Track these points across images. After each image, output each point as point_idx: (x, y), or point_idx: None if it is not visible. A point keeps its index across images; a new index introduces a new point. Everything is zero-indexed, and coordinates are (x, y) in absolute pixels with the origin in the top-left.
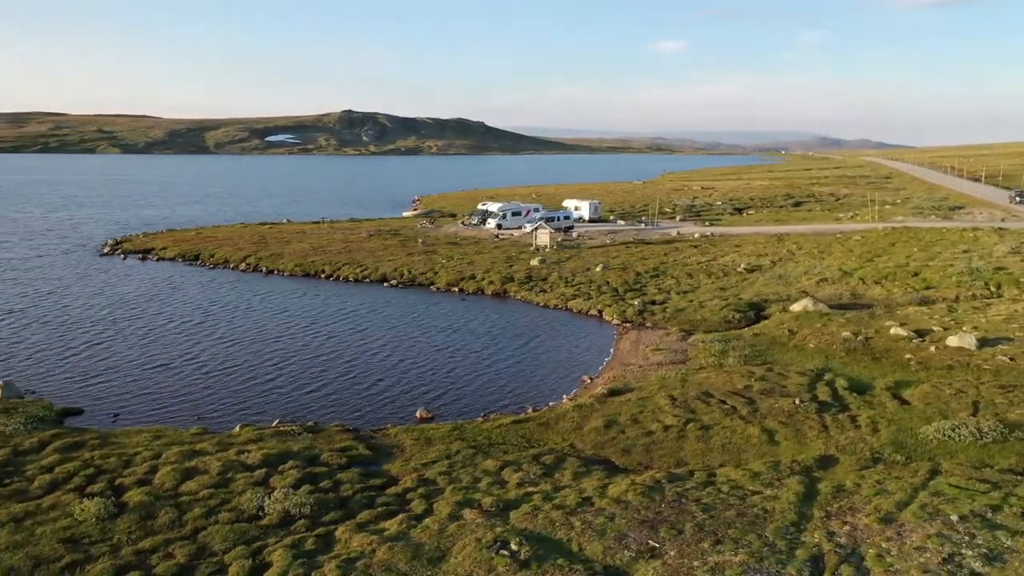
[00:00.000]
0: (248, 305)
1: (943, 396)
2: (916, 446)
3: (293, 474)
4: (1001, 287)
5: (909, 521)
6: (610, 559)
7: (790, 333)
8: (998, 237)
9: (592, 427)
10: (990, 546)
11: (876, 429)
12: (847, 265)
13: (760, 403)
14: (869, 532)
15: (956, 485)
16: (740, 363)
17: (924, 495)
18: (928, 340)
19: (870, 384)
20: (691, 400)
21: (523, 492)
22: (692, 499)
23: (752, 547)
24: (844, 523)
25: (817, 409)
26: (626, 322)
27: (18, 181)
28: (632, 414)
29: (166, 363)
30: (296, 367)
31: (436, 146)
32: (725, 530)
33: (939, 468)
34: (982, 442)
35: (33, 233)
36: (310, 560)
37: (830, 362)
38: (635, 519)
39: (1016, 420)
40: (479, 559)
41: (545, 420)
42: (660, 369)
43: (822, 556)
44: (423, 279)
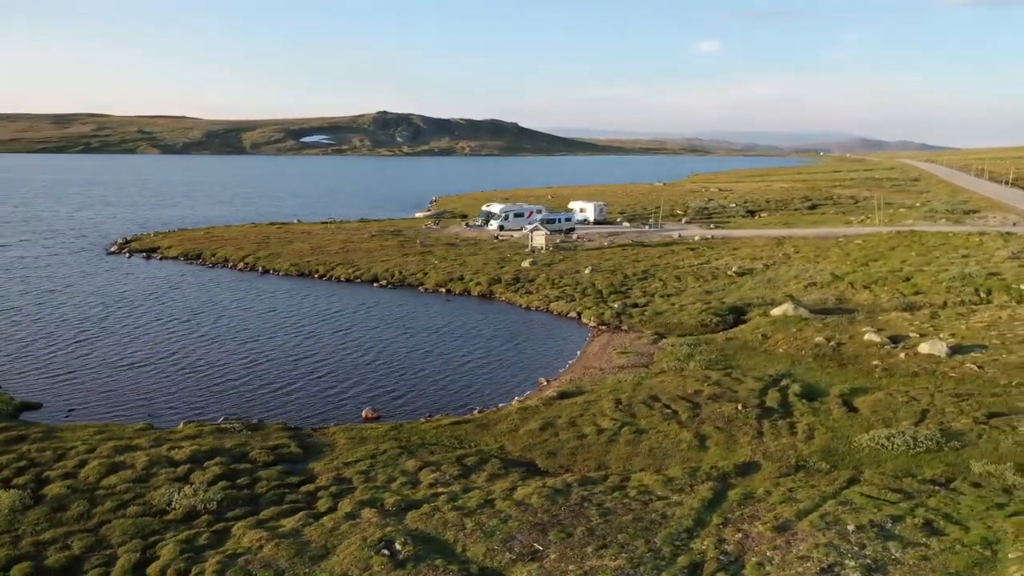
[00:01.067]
0: (238, 304)
1: (894, 404)
2: (846, 454)
3: (214, 470)
4: (992, 293)
5: (804, 530)
6: (489, 561)
7: (763, 338)
8: (1003, 242)
9: (528, 429)
10: (876, 557)
11: (811, 436)
12: (840, 269)
13: (704, 408)
14: (759, 540)
15: (868, 495)
16: (702, 367)
17: (831, 504)
18: (901, 347)
19: (825, 390)
20: (636, 404)
21: (431, 493)
22: (595, 503)
23: (635, 552)
24: (738, 530)
25: (758, 415)
26: (603, 325)
27: (56, 180)
28: (572, 417)
29: (141, 361)
30: (267, 366)
31: (469, 147)
32: (615, 535)
33: (859, 477)
34: (914, 451)
35: (54, 231)
36: (197, 555)
37: (794, 368)
38: (529, 522)
39: (959, 429)
40: (358, 558)
41: (485, 422)
42: (620, 372)
43: (703, 563)
44: (413, 280)
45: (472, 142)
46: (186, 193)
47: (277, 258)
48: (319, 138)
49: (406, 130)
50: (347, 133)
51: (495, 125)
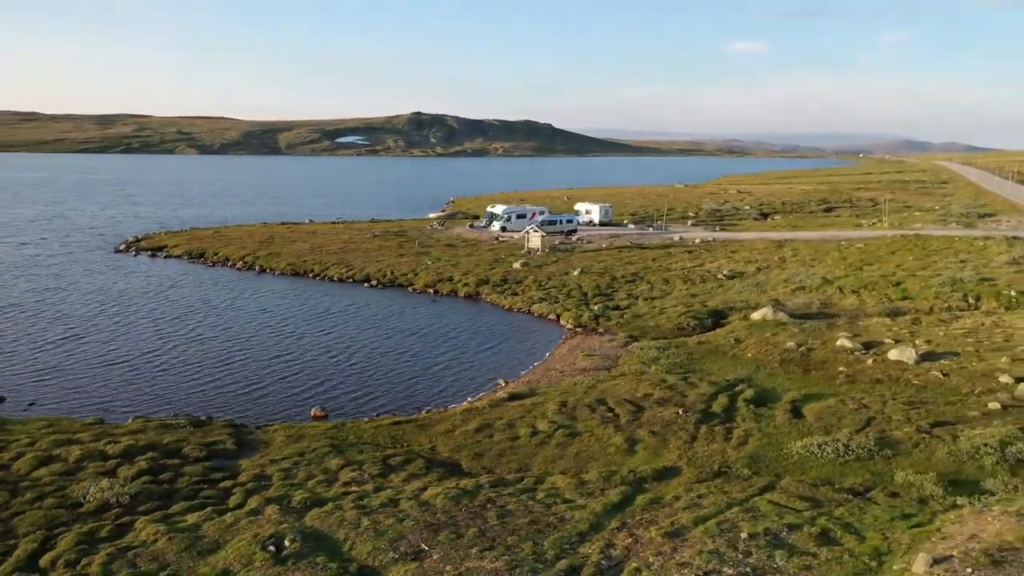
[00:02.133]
0: (229, 304)
1: (841, 411)
2: (774, 461)
3: (142, 465)
4: (981, 299)
5: (696, 536)
6: (371, 560)
7: (735, 342)
8: (1007, 246)
9: (464, 430)
10: (758, 565)
11: (744, 443)
12: (833, 273)
13: (647, 412)
14: (647, 545)
15: (776, 502)
16: (662, 371)
17: (734, 511)
18: (871, 353)
19: (779, 396)
20: (580, 407)
21: (342, 491)
22: (498, 505)
23: (518, 555)
24: (631, 535)
25: (698, 420)
26: (579, 327)
27: (91, 180)
28: (512, 419)
29: (119, 358)
30: (239, 366)
31: (502, 148)
32: (506, 537)
33: (776, 484)
34: (843, 459)
35: (74, 230)
36: (91, 547)
37: (757, 373)
38: (425, 522)
39: (898, 438)
40: (243, 553)
41: (426, 422)
42: (580, 375)
43: (582, 567)
44: (403, 280)
45: (505, 143)
46: (213, 193)
47: (276, 257)
48: (353, 139)
49: (440, 131)
50: (381, 134)
51: (529, 126)
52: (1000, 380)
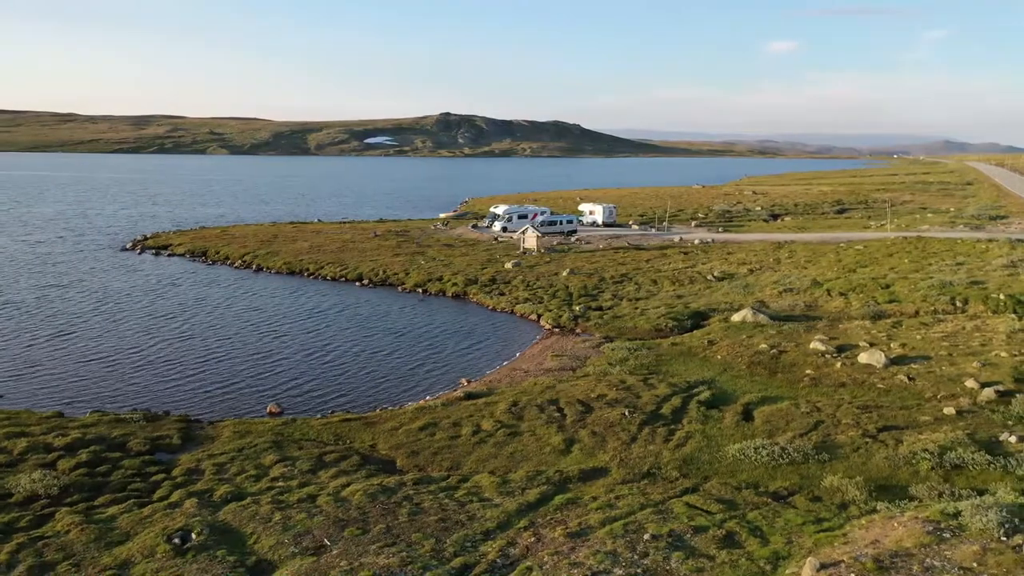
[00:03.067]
0: (221, 302)
1: (793, 414)
2: (707, 463)
3: (82, 457)
4: (968, 302)
5: (599, 537)
6: (271, 554)
7: (708, 344)
8: (1009, 249)
9: (408, 428)
10: (650, 567)
11: (683, 445)
12: (825, 275)
13: (595, 413)
14: (547, 545)
15: (692, 504)
16: (626, 372)
17: (645, 512)
18: (842, 356)
19: (734, 399)
20: (530, 407)
21: (266, 486)
22: (414, 502)
23: (416, 552)
24: (535, 535)
25: (643, 422)
26: (557, 327)
27: (117, 179)
28: (459, 418)
29: (103, 355)
30: (216, 363)
31: (530, 148)
32: (410, 534)
33: (700, 486)
34: (776, 463)
35: (91, 228)
36: (5, 537)
37: (721, 375)
38: (336, 518)
39: (840, 442)
40: (147, 545)
41: (375, 420)
42: (542, 375)
43: (475, 566)
44: (395, 279)
45: (533, 144)
46: (234, 193)
47: (274, 257)
48: (382, 139)
49: (468, 131)
50: (410, 134)
51: (558, 126)
52: (966, 385)
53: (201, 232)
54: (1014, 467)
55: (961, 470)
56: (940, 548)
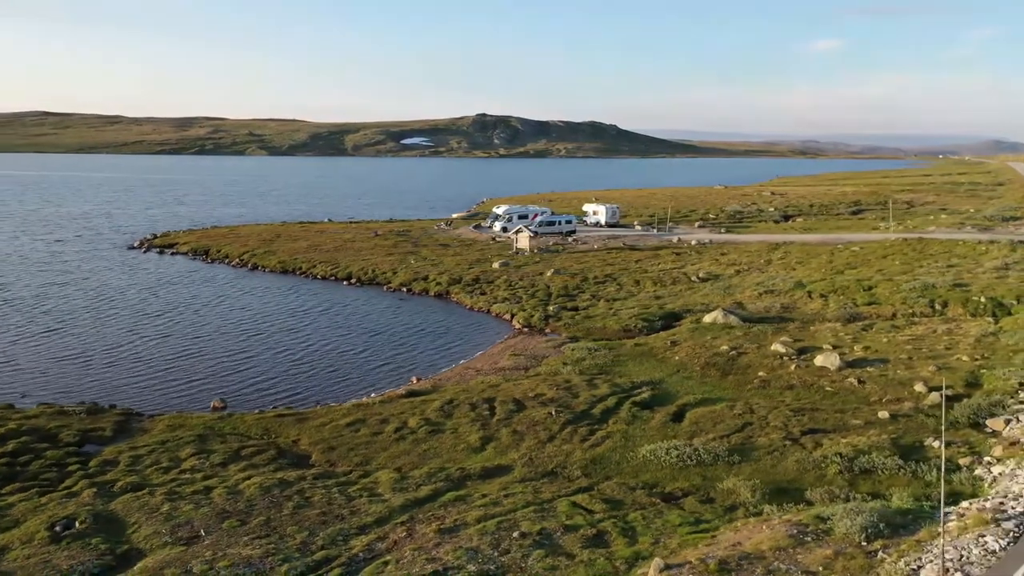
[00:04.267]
0: (211, 300)
1: (724, 416)
2: (615, 463)
3: (9, 447)
4: (948, 305)
5: (469, 533)
6: (144, 543)
7: (671, 344)
8: (1008, 251)
9: (336, 424)
10: (506, 563)
11: (598, 444)
12: (811, 277)
13: (524, 412)
14: (416, 541)
15: (578, 503)
16: (576, 372)
17: (527, 511)
18: (801, 358)
19: (672, 400)
20: (464, 405)
21: (171, 478)
22: (305, 496)
23: (284, 544)
24: (407, 530)
25: (568, 421)
26: (527, 327)
27: (151, 180)
28: (390, 415)
29: (82, 351)
30: (187, 359)
31: (565, 149)
32: (286, 527)
33: (596, 486)
34: (683, 464)
35: (111, 227)
36: None
37: (671, 376)
38: (222, 510)
39: (759, 444)
40: (28, 532)
41: (308, 416)
42: (492, 374)
43: (336, 559)
44: (382, 278)
45: (568, 144)
46: (260, 193)
47: (271, 256)
48: (418, 140)
49: (504, 132)
50: (446, 135)
51: (594, 127)
52: (914, 388)
53: (207, 232)
54: (924, 472)
55: (870, 475)
56: (794, 552)
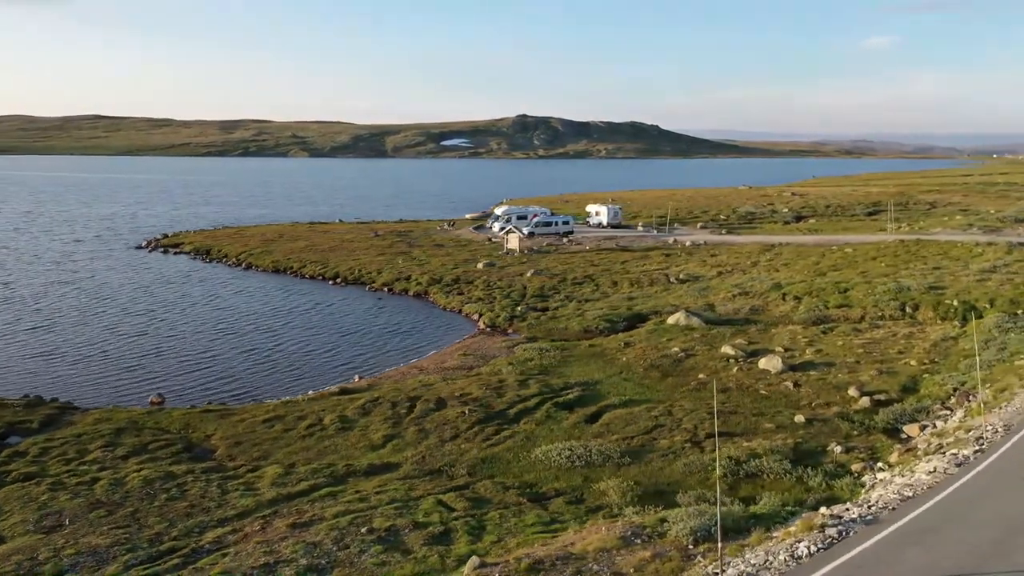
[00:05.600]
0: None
1: (640, 418)
2: (506, 463)
3: None
4: (919, 308)
5: (319, 528)
6: (9, 531)
7: (624, 346)
8: (1004, 253)
9: (255, 420)
10: (340, 558)
11: (497, 444)
12: (792, 278)
13: (442, 411)
14: (265, 535)
15: (443, 501)
16: (516, 373)
17: (388, 508)
18: (747, 361)
19: (598, 401)
20: (385, 403)
21: (67, 469)
22: (184, 489)
23: (138, 534)
24: (265, 524)
25: (479, 420)
26: (491, 327)
27: (186, 181)
28: (309, 412)
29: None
30: (154, 357)
31: (605, 149)
32: (149, 518)
33: (472, 485)
34: (571, 465)
35: (130, 228)
36: None
37: (611, 377)
38: (95, 500)
39: (658, 447)
40: None
41: (233, 412)
42: (434, 374)
43: (179, 550)
44: (367, 278)
45: (609, 145)
46: (288, 195)
47: (267, 255)
48: (458, 141)
49: (544, 133)
50: (486, 136)
51: (635, 127)
52: (848, 393)
53: (213, 232)
54: (810, 477)
55: (754, 479)
56: (616, 553)
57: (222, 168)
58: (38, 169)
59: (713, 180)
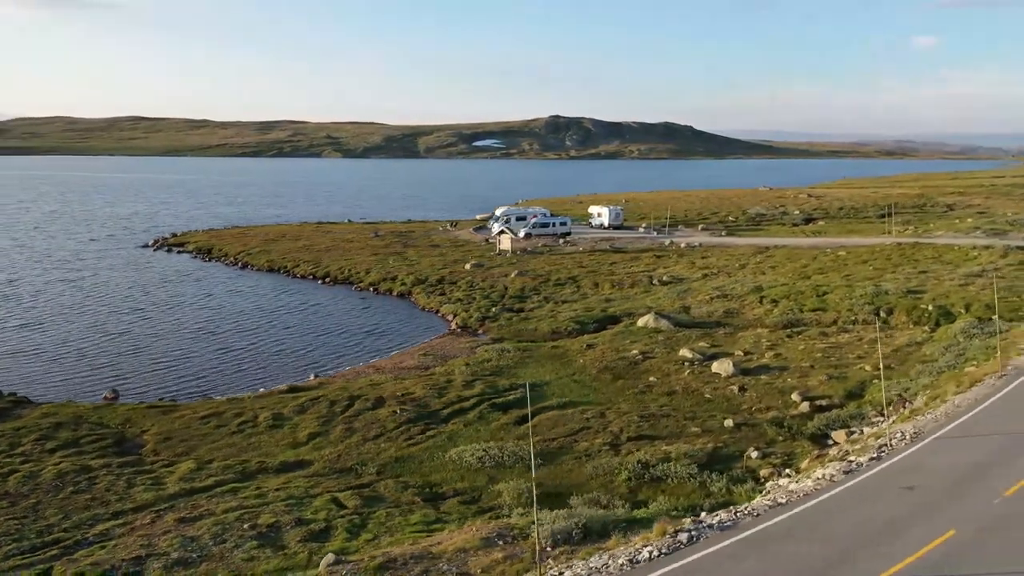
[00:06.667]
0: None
1: (572, 420)
2: (419, 463)
3: None
4: (893, 313)
5: (204, 523)
6: None
7: (586, 348)
8: (998, 257)
9: (193, 417)
10: (211, 552)
11: (418, 444)
12: (775, 281)
13: (376, 411)
14: (152, 528)
15: (337, 499)
16: (468, 374)
17: (281, 504)
18: (701, 364)
19: (537, 402)
20: (324, 402)
21: None
22: (93, 482)
23: (30, 525)
24: (155, 518)
25: (406, 420)
26: (462, 327)
27: (218, 182)
28: (249, 410)
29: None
30: (130, 356)
31: (638, 150)
32: (47, 510)
33: (374, 483)
34: (480, 466)
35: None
36: None
37: (562, 379)
38: (4, 492)
39: (576, 449)
40: None
41: (175, 408)
42: (387, 373)
43: (63, 542)
44: (355, 278)
45: (641, 145)
46: (308, 194)
47: (265, 255)
48: (490, 142)
49: (576, 134)
50: (518, 137)
51: (668, 128)
52: (791, 397)
53: (218, 232)
54: (713, 483)
55: (659, 482)
56: (473, 554)
57: (254, 168)
58: (77, 169)
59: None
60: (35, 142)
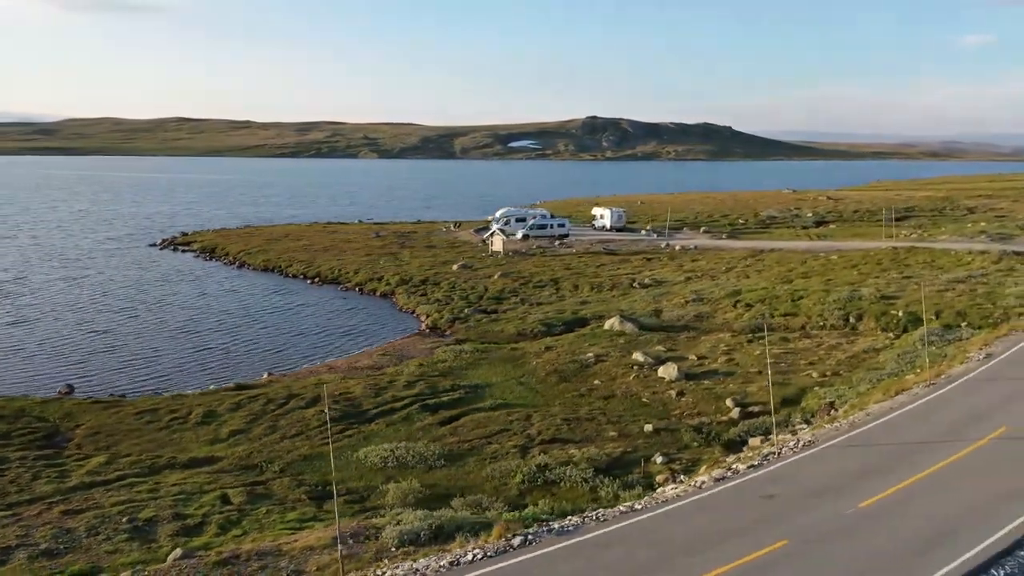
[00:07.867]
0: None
1: (495, 422)
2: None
3: None
4: (863, 318)
5: (87, 516)
6: None
7: (544, 350)
8: (991, 262)
9: (130, 412)
10: (78, 544)
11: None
12: (756, 285)
13: (305, 410)
14: (40, 519)
15: (227, 496)
16: (414, 374)
17: (167, 500)
18: (651, 368)
19: (472, 403)
20: (262, 399)
21: None
22: (2, 474)
23: None
24: (46, 509)
25: (333, 419)
26: (431, 328)
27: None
28: (186, 407)
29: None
30: (106, 354)
31: (675, 151)
32: None
33: (271, 481)
34: (381, 466)
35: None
36: None
37: (510, 381)
38: None
39: (486, 452)
40: None
41: (118, 403)
42: (339, 372)
43: None
44: (343, 278)
45: (679, 146)
46: (332, 195)
47: (261, 254)
48: (525, 143)
49: (612, 134)
50: (554, 138)
51: (706, 128)
52: (725, 403)
53: (225, 232)
54: (603, 487)
55: (552, 486)
56: (316, 552)
57: (291, 169)
58: (120, 169)
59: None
60: (82, 143)
